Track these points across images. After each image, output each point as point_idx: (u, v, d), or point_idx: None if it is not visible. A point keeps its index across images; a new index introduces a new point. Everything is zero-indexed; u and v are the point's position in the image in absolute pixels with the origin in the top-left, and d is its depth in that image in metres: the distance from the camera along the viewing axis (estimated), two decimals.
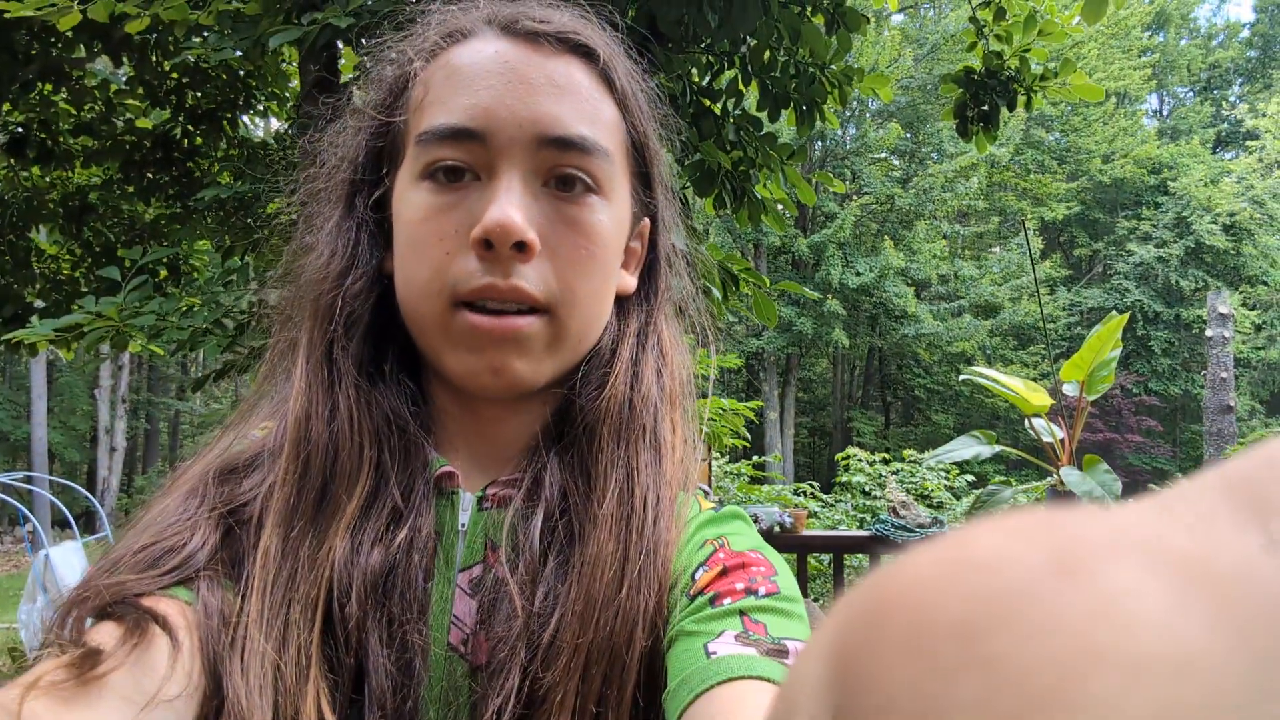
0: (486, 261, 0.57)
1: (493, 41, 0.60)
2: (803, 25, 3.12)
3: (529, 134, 0.57)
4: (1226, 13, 40.40)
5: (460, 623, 0.59)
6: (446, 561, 0.60)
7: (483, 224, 0.56)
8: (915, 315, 20.92)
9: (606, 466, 0.63)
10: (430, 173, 0.58)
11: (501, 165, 0.57)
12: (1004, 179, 23.95)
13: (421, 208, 0.58)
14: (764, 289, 3.24)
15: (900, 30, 22.40)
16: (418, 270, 0.58)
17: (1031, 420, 3.37)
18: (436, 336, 0.59)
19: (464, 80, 0.58)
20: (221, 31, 2.87)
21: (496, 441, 0.65)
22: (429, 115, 0.58)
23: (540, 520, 0.60)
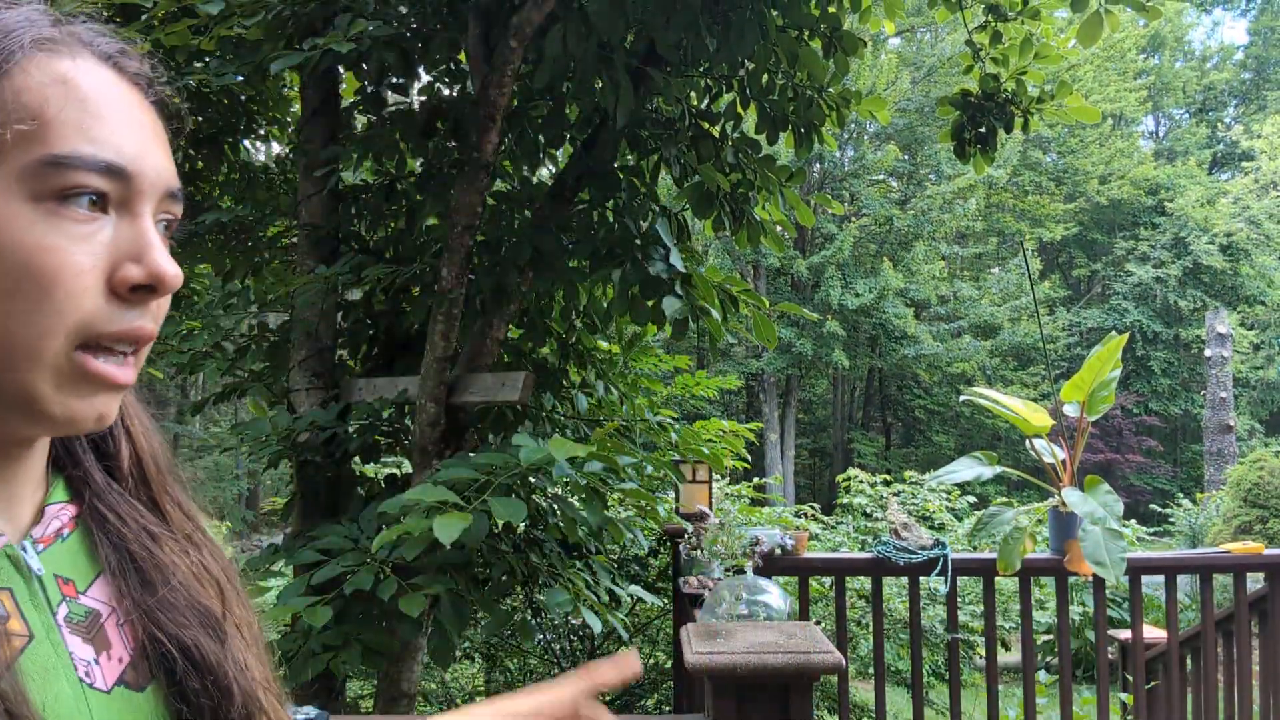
0: (128, 303, 0.55)
1: (104, 72, 0.57)
2: (800, 49, 3.14)
3: (161, 184, 0.57)
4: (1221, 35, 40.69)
5: (78, 658, 0.57)
6: (38, 609, 0.57)
7: (151, 270, 0.54)
8: (915, 336, 20.93)
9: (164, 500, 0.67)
10: (63, 196, 0.52)
11: (139, 208, 0.56)
12: (1002, 200, 24.04)
13: (48, 234, 0.52)
14: (763, 310, 3.24)
15: (897, 54, 22.55)
16: (38, 301, 0.51)
17: (1032, 441, 3.36)
18: (37, 374, 0.53)
19: (99, 109, 0.55)
20: (223, 57, 2.89)
21: (15, 481, 0.59)
22: (65, 139, 0.53)
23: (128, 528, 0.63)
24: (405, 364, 3.36)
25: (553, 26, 2.72)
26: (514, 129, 3.28)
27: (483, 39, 2.93)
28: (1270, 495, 9.41)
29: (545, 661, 4.92)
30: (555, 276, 3.08)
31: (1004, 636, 6.92)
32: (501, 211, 3.47)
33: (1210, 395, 15.07)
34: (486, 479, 2.25)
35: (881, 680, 3.46)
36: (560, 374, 3.71)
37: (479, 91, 2.82)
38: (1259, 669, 3.57)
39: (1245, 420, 21.69)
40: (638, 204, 3.26)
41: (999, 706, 3.38)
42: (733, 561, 3.20)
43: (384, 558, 2.41)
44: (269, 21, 2.64)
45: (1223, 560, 3.47)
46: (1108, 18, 3.03)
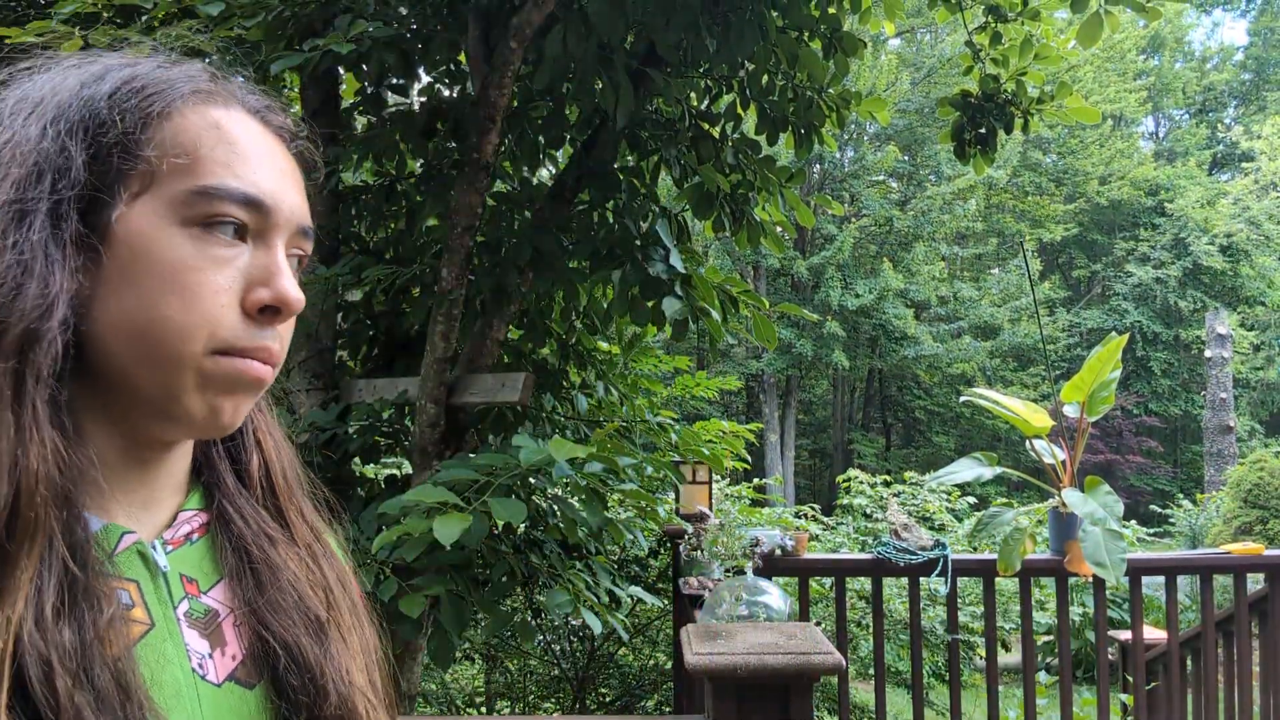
0: (257, 324, 0.62)
1: (251, 123, 0.65)
2: (800, 50, 3.14)
3: (294, 220, 0.65)
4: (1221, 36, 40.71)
5: (193, 650, 0.63)
6: (161, 603, 0.62)
7: (277, 294, 0.61)
8: (915, 337, 20.93)
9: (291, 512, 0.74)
10: (209, 223, 0.60)
11: (273, 239, 0.63)
12: (1002, 201, 24.05)
13: (194, 254, 0.59)
14: (763, 311, 3.24)
15: (897, 54, 22.57)
16: (183, 313, 0.58)
17: (1033, 442, 3.36)
18: (185, 378, 0.59)
19: (245, 151, 0.62)
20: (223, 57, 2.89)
21: (156, 481, 0.66)
22: (213, 173, 0.60)
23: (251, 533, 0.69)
24: (405, 365, 3.36)
25: (553, 27, 2.72)
26: (514, 130, 3.28)
27: (483, 40, 2.93)
28: (1270, 496, 9.41)
29: (545, 662, 4.92)
30: (555, 277, 3.08)
31: (1004, 637, 6.92)
32: (501, 212, 3.47)
33: (1210, 396, 15.08)
34: (486, 480, 2.25)
35: (881, 681, 3.46)
36: (560, 375, 3.71)
37: (479, 92, 2.83)
38: (1259, 670, 3.57)
39: (1245, 421, 21.69)
40: (638, 205, 3.26)
41: (999, 707, 3.38)
42: (733, 562, 3.20)
43: (384, 558, 2.41)
44: (269, 22, 2.64)
45: (1223, 561, 3.47)
46: (1107, 18, 3.03)
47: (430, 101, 3.34)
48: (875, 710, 3.45)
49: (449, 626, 2.38)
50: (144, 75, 0.63)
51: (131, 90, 0.61)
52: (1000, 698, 3.42)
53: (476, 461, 2.33)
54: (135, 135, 0.60)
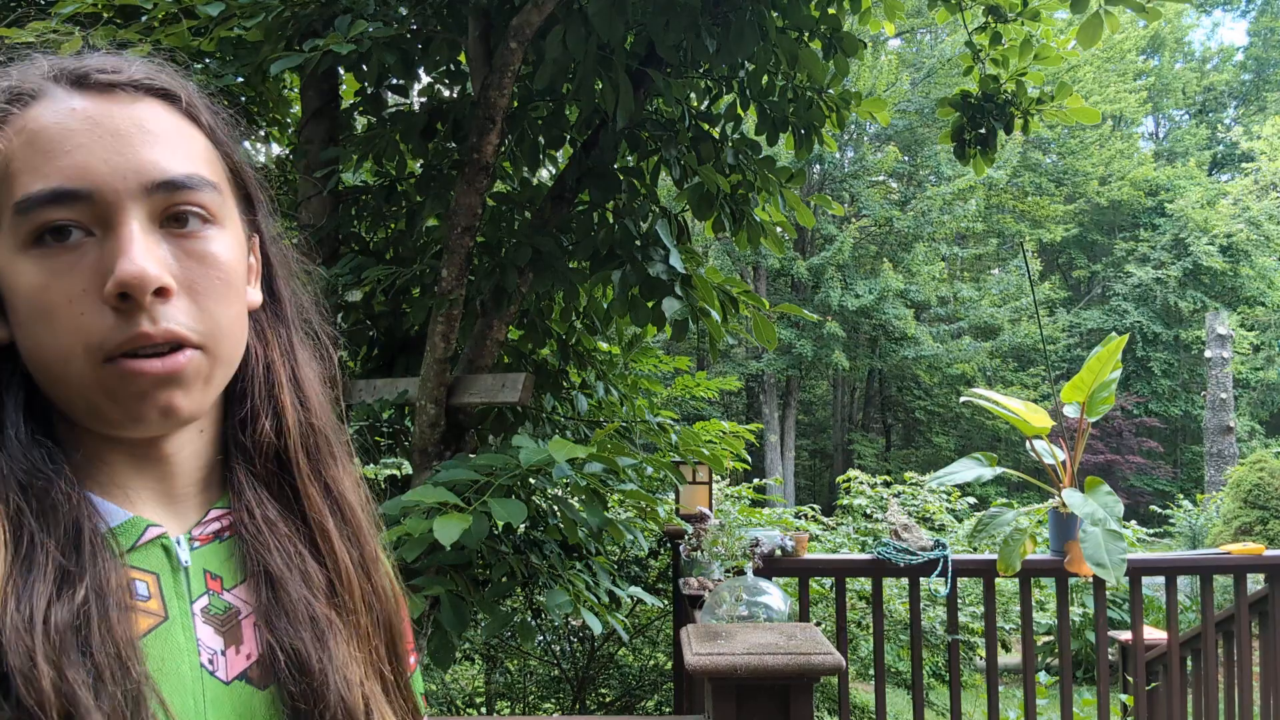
0: (124, 314, 0.58)
1: (66, 99, 0.60)
2: (800, 50, 3.14)
3: (134, 184, 0.59)
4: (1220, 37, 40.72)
5: (205, 645, 0.63)
6: (178, 597, 0.63)
7: (116, 278, 0.57)
8: (915, 337, 20.93)
9: (311, 484, 0.71)
10: (37, 239, 0.58)
11: (115, 218, 0.58)
12: (1002, 201, 24.05)
13: (38, 275, 0.58)
14: (763, 311, 3.24)
15: (897, 55, 22.57)
16: (52, 337, 0.58)
17: (1033, 442, 3.36)
18: (92, 393, 0.59)
19: (50, 143, 0.58)
20: (223, 58, 2.89)
21: (174, 479, 0.66)
22: (22, 185, 0.58)
23: (261, 543, 0.67)
24: (405, 365, 3.36)
25: (552, 28, 2.72)
26: (514, 130, 3.28)
27: (483, 40, 2.93)
28: (1270, 496, 9.41)
29: (545, 663, 4.92)
30: (555, 278, 3.08)
31: (1004, 638, 6.92)
32: (501, 213, 3.47)
33: (1210, 396, 15.07)
34: (486, 480, 2.25)
35: (882, 681, 3.46)
36: (560, 375, 3.71)
37: (479, 93, 2.83)
38: (1259, 670, 3.56)
39: (1245, 421, 21.69)
40: (638, 205, 3.26)
41: (999, 708, 3.38)
42: (733, 563, 3.20)
43: None
44: (269, 23, 2.64)
45: (1223, 561, 3.47)
46: (1107, 19, 3.02)
47: (430, 102, 3.34)
48: (875, 710, 3.45)
49: (449, 627, 2.38)
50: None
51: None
52: (1000, 698, 3.42)
53: (476, 462, 2.33)
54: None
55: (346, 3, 2.71)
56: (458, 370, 3.06)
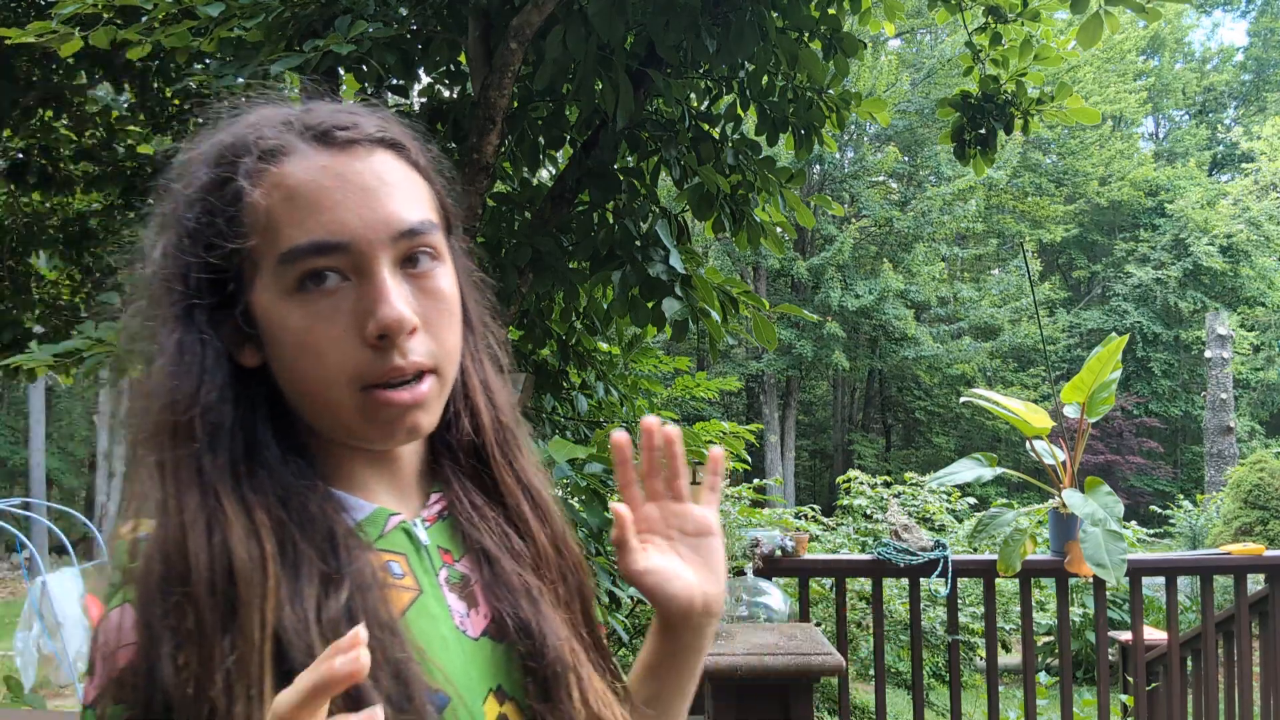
0: (381, 350, 0.66)
1: (314, 156, 0.67)
2: (800, 50, 3.14)
3: (384, 234, 0.67)
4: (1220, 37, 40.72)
5: (454, 610, 0.73)
6: (425, 572, 0.73)
7: (379, 321, 0.65)
8: (915, 337, 20.92)
9: (505, 472, 0.80)
10: (301, 284, 0.65)
11: (368, 266, 0.66)
12: (1002, 201, 24.05)
13: (303, 317, 0.66)
14: (763, 312, 3.24)
15: (897, 55, 22.57)
16: (317, 369, 0.66)
17: (1033, 442, 3.36)
18: (350, 417, 0.68)
19: (308, 199, 0.66)
20: (223, 58, 2.89)
21: (402, 475, 0.77)
22: (285, 237, 0.65)
23: (481, 521, 0.78)
24: None
25: (552, 28, 2.72)
26: (514, 130, 3.28)
27: (483, 40, 2.93)
28: (1270, 497, 9.41)
29: None
30: (555, 278, 3.08)
31: (1004, 638, 6.92)
32: (501, 213, 3.47)
33: (1210, 397, 15.07)
34: None
35: (882, 682, 3.46)
36: (560, 375, 3.71)
37: (479, 93, 2.83)
38: (1259, 670, 3.57)
39: (1245, 422, 21.68)
40: (638, 205, 3.26)
41: (999, 708, 3.38)
42: (733, 563, 3.20)
43: None
44: (269, 23, 2.64)
45: (1223, 562, 3.47)
46: (1107, 19, 3.02)
47: (430, 102, 3.34)
48: (875, 711, 3.45)
49: None
50: (223, 163, 0.68)
51: (216, 185, 0.67)
52: (1000, 698, 3.42)
53: None
54: (224, 231, 0.66)
55: (346, 3, 2.71)
56: None
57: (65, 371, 3.00)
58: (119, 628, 0.64)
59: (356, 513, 0.72)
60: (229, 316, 0.68)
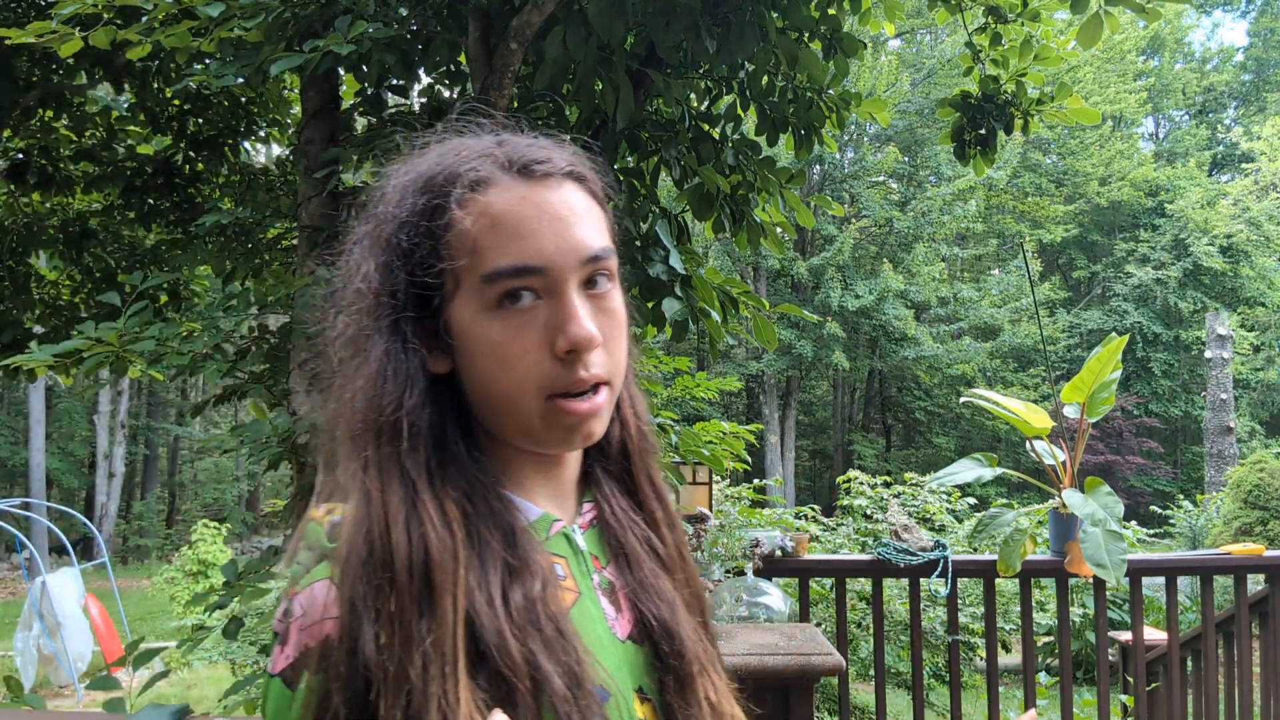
0: (567, 364, 0.73)
1: (515, 187, 0.75)
2: (800, 51, 3.14)
3: (574, 260, 0.74)
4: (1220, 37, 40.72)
5: (606, 613, 0.79)
6: (583, 575, 0.79)
7: (569, 338, 0.73)
8: (915, 338, 20.92)
9: (645, 483, 0.87)
10: (500, 301, 0.73)
11: (560, 287, 0.74)
12: (1002, 202, 24.05)
13: (502, 332, 0.73)
14: (763, 312, 3.24)
15: (897, 55, 22.57)
16: (509, 379, 0.74)
17: (1033, 443, 3.36)
18: (532, 422, 0.75)
19: (510, 227, 0.73)
20: (223, 58, 2.89)
21: (561, 481, 0.83)
22: (488, 260, 0.73)
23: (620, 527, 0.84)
24: None
25: (553, 29, 2.72)
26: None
27: (483, 41, 2.93)
28: (1270, 497, 9.41)
29: None
30: None
31: (1004, 638, 6.92)
32: None
33: (1210, 397, 15.07)
34: None
35: (882, 682, 3.46)
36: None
37: (479, 93, 2.83)
38: (1259, 670, 3.56)
39: (1245, 422, 21.68)
40: (638, 205, 3.26)
41: (999, 708, 3.38)
42: (733, 563, 3.20)
43: None
44: (269, 24, 2.64)
45: (1223, 562, 3.47)
46: (1107, 19, 3.02)
47: (430, 102, 3.33)
48: (875, 711, 3.45)
49: None
50: (431, 189, 0.76)
51: (425, 210, 0.75)
52: (1000, 699, 3.42)
53: None
54: (435, 251, 0.74)
55: (346, 3, 2.71)
56: None
57: (65, 371, 3.01)
58: (322, 603, 0.68)
59: (527, 515, 0.78)
60: (430, 328, 0.75)
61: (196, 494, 25.04)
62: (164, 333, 2.72)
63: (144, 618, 12.41)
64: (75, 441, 22.34)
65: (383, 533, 0.68)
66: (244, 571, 2.78)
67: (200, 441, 24.98)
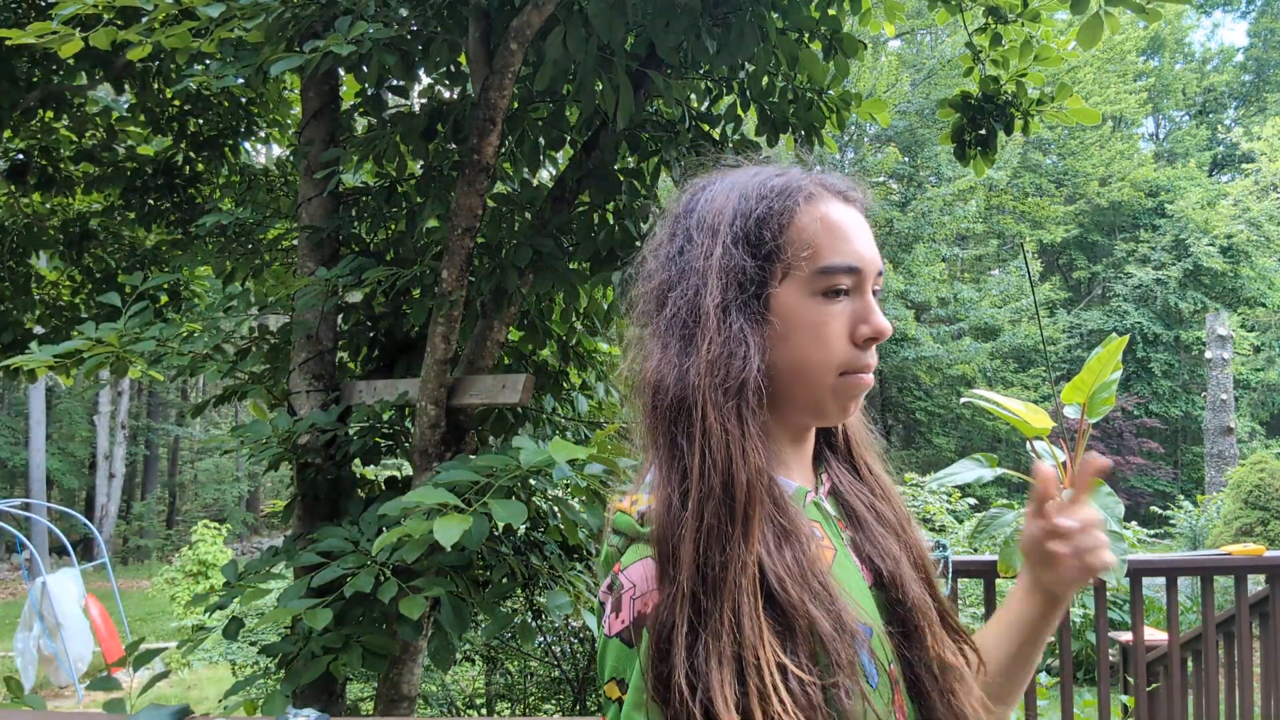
0: (863, 349, 0.90)
1: (837, 204, 0.92)
2: (800, 51, 3.14)
3: (875, 268, 0.92)
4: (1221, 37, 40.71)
5: (858, 566, 0.94)
6: (835, 535, 0.94)
7: (875, 328, 0.89)
8: (915, 338, 20.92)
9: (865, 459, 1.04)
10: (825, 292, 0.89)
11: (865, 287, 0.91)
12: (1002, 202, 24.04)
13: (821, 315, 0.89)
14: None
15: (897, 56, 22.57)
16: (819, 354, 0.89)
17: (1033, 443, 3.35)
18: (824, 393, 0.90)
19: (840, 233, 0.90)
20: (223, 59, 2.89)
21: (805, 456, 0.98)
22: (825, 255, 0.89)
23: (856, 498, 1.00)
24: (405, 366, 3.36)
25: (553, 29, 2.72)
26: (514, 131, 3.28)
27: (483, 41, 2.93)
28: (1271, 497, 9.40)
29: (546, 664, 4.92)
30: (555, 279, 3.08)
31: None
32: (502, 214, 3.47)
33: (1211, 397, 15.07)
34: (487, 481, 2.25)
35: None
36: (561, 376, 3.71)
37: (479, 94, 2.83)
38: (1260, 671, 3.56)
39: (1246, 422, 21.67)
40: (638, 206, 3.26)
41: None
42: None
43: (384, 560, 2.41)
44: (269, 24, 2.64)
45: (1223, 562, 3.47)
46: (1107, 20, 3.02)
47: (430, 103, 3.34)
48: None
49: (449, 628, 2.38)
50: (772, 195, 0.91)
51: (768, 211, 0.90)
52: None
53: (477, 463, 2.33)
54: (777, 241, 0.89)
55: (346, 4, 2.71)
56: (458, 371, 3.06)
57: (65, 372, 3.00)
58: (647, 578, 0.82)
59: (787, 488, 0.90)
60: (759, 306, 0.89)
61: (197, 494, 25.04)
62: (164, 333, 2.72)
63: (144, 618, 12.41)
64: (75, 442, 22.34)
65: (715, 473, 0.83)
66: (244, 572, 2.77)
67: (200, 442, 24.97)
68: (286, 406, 3.19)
